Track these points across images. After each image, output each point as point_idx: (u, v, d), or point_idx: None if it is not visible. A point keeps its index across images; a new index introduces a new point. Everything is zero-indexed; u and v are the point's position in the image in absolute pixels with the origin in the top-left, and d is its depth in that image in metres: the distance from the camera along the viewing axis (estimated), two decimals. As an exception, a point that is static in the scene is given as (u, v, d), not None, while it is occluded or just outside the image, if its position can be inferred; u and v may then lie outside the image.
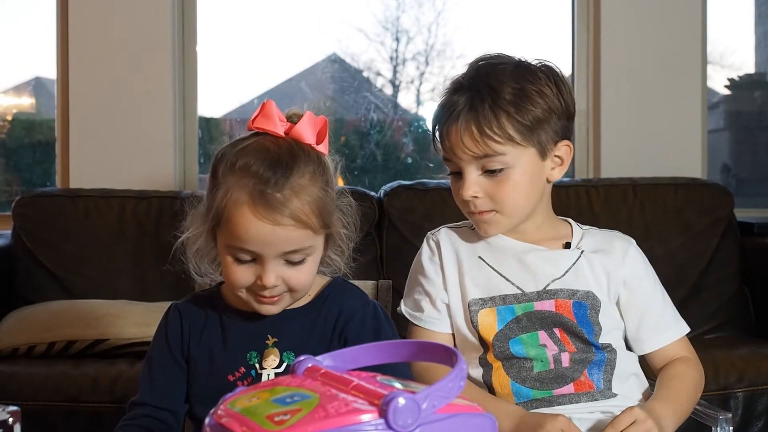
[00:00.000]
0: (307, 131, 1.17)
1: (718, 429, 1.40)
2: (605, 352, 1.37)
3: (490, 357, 1.36)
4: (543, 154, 1.37)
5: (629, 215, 2.77)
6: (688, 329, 1.46)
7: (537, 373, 1.34)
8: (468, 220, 1.49)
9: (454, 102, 1.37)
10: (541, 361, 1.34)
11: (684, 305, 2.68)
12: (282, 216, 1.11)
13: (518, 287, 1.39)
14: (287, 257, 1.15)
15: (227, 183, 1.14)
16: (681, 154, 3.12)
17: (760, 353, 2.35)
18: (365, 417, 0.73)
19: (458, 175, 1.39)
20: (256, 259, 1.15)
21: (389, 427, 0.72)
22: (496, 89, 1.34)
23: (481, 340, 1.38)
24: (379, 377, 0.82)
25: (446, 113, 1.37)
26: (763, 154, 3.77)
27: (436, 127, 1.41)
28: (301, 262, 1.16)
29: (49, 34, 3.10)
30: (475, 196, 1.36)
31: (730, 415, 1.40)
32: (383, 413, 0.72)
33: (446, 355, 0.84)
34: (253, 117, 1.18)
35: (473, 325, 1.38)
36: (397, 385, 0.79)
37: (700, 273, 2.74)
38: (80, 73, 2.99)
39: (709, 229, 2.78)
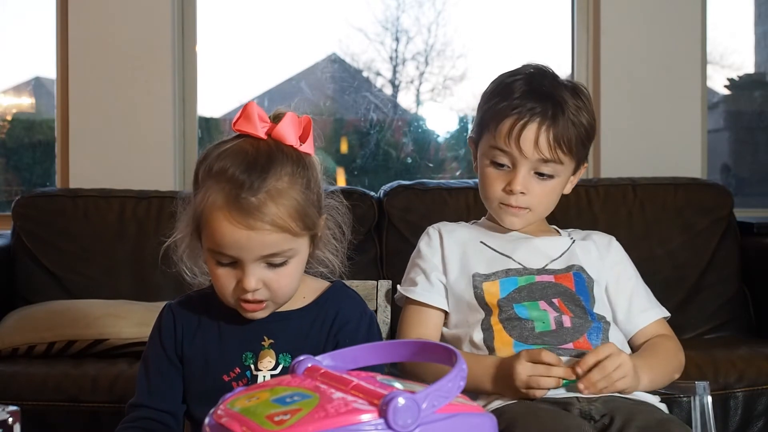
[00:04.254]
0: (288, 132, 1.16)
1: (697, 397, 1.41)
2: (600, 322, 1.46)
3: (493, 320, 1.44)
4: (575, 170, 1.56)
5: (629, 215, 2.77)
6: (669, 314, 1.58)
7: (539, 333, 1.42)
8: (466, 221, 1.63)
9: (530, 107, 1.47)
10: (543, 322, 1.43)
11: (684, 305, 2.67)
12: (256, 221, 1.10)
13: (519, 263, 1.51)
14: (267, 260, 1.14)
15: (205, 186, 1.14)
16: (681, 154, 3.12)
17: (760, 353, 2.35)
18: (365, 417, 0.73)
19: (500, 166, 1.50)
20: (237, 262, 1.14)
21: (389, 427, 0.72)
22: (567, 102, 1.50)
23: (485, 306, 1.46)
24: (379, 377, 0.82)
25: (522, 114, 1.47)
26: (763, 154, 3.77)
27: (501, 121, 1.48)
28: (282, 265, 1.16)
29: (49, 34, 3.09)
30: (523, 192, 1.49)
31: (707, 382, 1.43)
32: (383, 413, 0.72)
33: (446, 355, 0.84)
34: (234, 119, 1.17)
35: (477, 292, 1.47)
36: (397, 385, 0.79)
37: (700, 273, 2.74)
38: (80, 73, 2.99)
39: (709, 229, 2.78)
